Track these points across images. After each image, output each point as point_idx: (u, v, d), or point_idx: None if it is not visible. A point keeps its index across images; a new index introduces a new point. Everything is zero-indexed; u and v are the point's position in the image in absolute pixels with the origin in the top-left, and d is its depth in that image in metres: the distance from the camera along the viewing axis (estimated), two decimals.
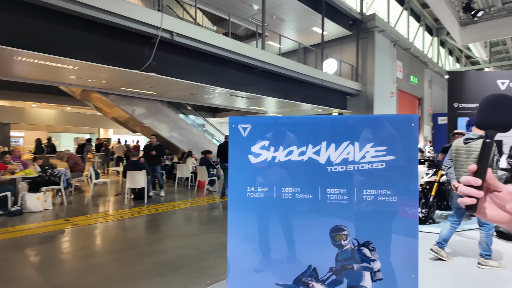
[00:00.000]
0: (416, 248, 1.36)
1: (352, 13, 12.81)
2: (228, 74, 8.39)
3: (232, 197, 1.44)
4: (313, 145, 1.40)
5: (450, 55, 21.79)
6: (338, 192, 1.40)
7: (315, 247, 1.41)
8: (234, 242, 1.44)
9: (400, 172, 1.36)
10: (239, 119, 1.45)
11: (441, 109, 18.43)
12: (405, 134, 1.35)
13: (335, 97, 12.82)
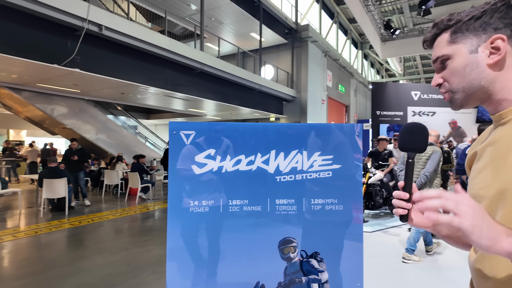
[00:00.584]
0: (361, 256, 1.38)
1: (288, 22, 13.36)
2: (164, 74, 7.97)
3: (172, 213, 1.29)
4: (262, 154, 1.33)
5: (372, 67, 24.28)
6: (286, 202, 1.35)
7: (263, 262, 1.33)
8: (174, 264, 1.28)
9: (346, 180, 1.37)
10: (181, 125, 1.30)
11: (364, 116, 20.36)
12: (350, 143, 1.37)
13: (272, 102, 13.18)
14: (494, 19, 0.66)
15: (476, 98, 0.71)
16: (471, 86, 0.69)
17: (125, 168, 8.61)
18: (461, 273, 3.24)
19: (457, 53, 0.70)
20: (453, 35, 0.71)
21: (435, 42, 0.75)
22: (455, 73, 0.71)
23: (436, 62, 0.75)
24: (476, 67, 0.68)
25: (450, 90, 0.73)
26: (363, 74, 21.25)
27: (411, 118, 9.88)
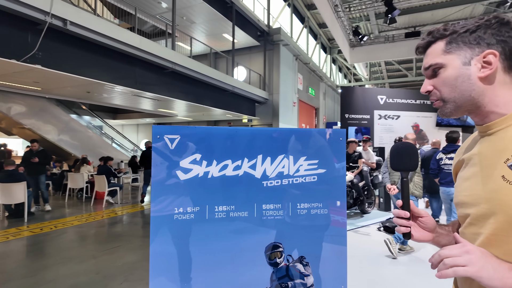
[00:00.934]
0: (345, 259, 1.41)
1: (260, 25, 13.45)
2: (133, 73, 7.69)
3: (156, 222, 1.23)
4: (248, 159, 1.31)
5: (340, 72, 25.11)
6: (273, 207, 1.34)
7: (250, 269, 1.31)
8: (158, 275, 1.23)
9: (330, 184, 1.39)
10: (166, 129, 1.26)
11: (332, 118, 21.01)
12: (335, 147, 1.40)
13: (245, 103, 13.18)
14: (488, 34, 0.69)
15: (465, 109, 0.73)
16: (461, 97, 0.71)
17: (91, 171, 8.18)
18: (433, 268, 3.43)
19: (450, 63, 0.72)
20: (448, 45, 0.72)
21: (428, 50, 0.76)
22: (446, 83, 0.72)
23: (428, 70, 0.76)
24: (468, 79, 0.70)
25: (442, 99, 0.74)
26: (331, 78, 21.92)
27: (377, 121, 10.34)
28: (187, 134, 1.27)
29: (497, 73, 0.69)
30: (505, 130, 0.69)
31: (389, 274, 3.33)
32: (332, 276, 1.39)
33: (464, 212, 0.74)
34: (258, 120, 14.26)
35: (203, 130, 1.30)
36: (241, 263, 1.30)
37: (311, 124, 17.73)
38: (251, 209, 1.32)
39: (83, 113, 12.27)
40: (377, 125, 10.14)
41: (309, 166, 1.36)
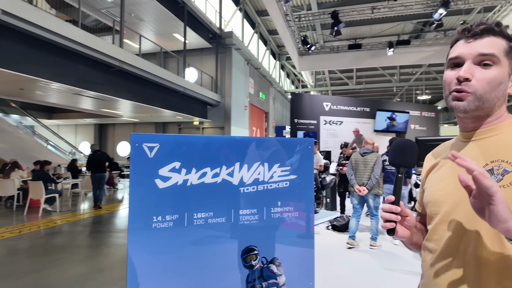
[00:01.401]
0: (313, 258, 1.53)
1: (212, 27, 13.40)
2: (76, 70, 7.11)
3: (134, 231, 1.21)
4: (227, 166, 1.36)
5: (288, 78, 26.09)
6: (249, 212, 1.41)
7: (226, 273, 1.36)
8: (136, 285, 1.21)
9: (301, 189, 1.51)
10: (144, 137, 1.25)
11: (281, 122, 21.73)
12: (304, 155, 1.51)
13: (196, 106, 12.99)
14: None
15: (480, 113, 0.74)
16: (491, 102, 0.72)
17: (24, 176, 7.34)
18: (399, 261, 3.78)
19: (504, 67, 0.71)
20: (510, 49, 0.72)
21: (488, 37, 0.72)
22: (492, 83, 0.71)
23: (481, 56, 0.71)
24: (504, 90, 0.72)
25: (474, 92, 0.71)
26: (280, 83, 22.67)
27: (323, 126, 11.00)
28: (167, 142, 1.28)
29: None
30: (488, 138, 0.74)
31: (341, 270, 3.60)
32: (302, 274, 1.50)
33: (436, 210, 0.78)
34: (210, 123, 14.15)
35: (182, 139, 1.32)
36: (218, 268, 1.34)
37: (261, 127, 18.11)
38: (228, 215, 1.37)
39: (12, 112, 10.94)
40: (323, 130, 10.79)
41: (282, 173, 1.46)
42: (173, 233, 1.28)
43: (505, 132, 0.73)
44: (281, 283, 1.45)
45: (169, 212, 1.27)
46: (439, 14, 9.77)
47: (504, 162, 0.69)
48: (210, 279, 1.33)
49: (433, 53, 13.34)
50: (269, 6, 9.22)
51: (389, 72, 20.49)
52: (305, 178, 1.51)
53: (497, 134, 0.74)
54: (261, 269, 1.42)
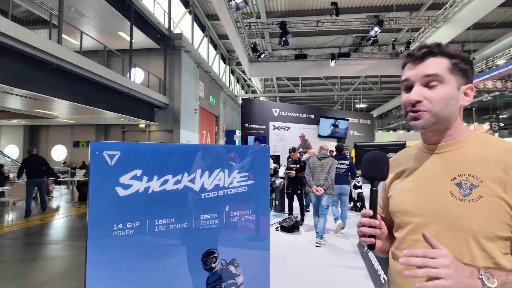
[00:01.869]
0: (268, 257, 1.64)
1: (160, 28, 13.01)
2: (5, 66, 6.39)
3: (93, 239, 1.20)
4: (188, 173, 1.41)
5: (238, 82, 26.36)
6: (210, 217, 1.47)
7: (188, 276, 1.40)
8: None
9: (258, 194, 1.61)
10: (104, 145, 1.24)
11: (231, 127, 21.84)
12: (261, 162, 1.63)
13: (143, 108, 12.46)
14: (471, 71, 0.78)
15: (438, 127, 0.77)
16: (446, 116, 0.76)
17: None
18: (342, 257, 4.05)
19: (451, 83, 0.75)
20: (453, 66, 0.76)
21: (429, 59, 0.76)
22: (442, 100, 0.74)
23: (426, 77, 0.76)
24: (456, 104, 0.76)
25: (429, 111, 0.75)
26: (230, 88, 22.81)
27: (272, 131, 11.37)
28: (128, 149, 1.29)
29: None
30: (451, 152, 0.77)
31: (291, 267, 3.79)
32: (258, 273, 1.60)
33: (406, 220, 0.80)
34: (158, 126, 13.67)
35: (144, 147, 1.34)
36: (181, 272, 1.38)
37: (211, 131, 18.00)
38: (190, 220, 1.42)
39: None
40: (272, 135, 11.16)
41: (241, 178, 1.55)
42: (134, 240, 1.28)
43: (467, 145, 0.76)
44: (239, 283, 1.53)
45: (130, 219, 1.28)
46: (374, 31, 10.81)
47: (470, 177, 0.72)
48: (173, 283, 1.36)
49: (369, 66, 14.67)
50: (221, 13, 9.30)
51: (331, 81, 21.93)
52: (262, 183, 1.62)
53: (460, 148, 0.77)
54: (220, 270, 1.49)
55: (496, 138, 0.77)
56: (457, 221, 0.70)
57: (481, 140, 0.77)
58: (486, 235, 0.68)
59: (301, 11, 13.47)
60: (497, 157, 0.71)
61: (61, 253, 4.33)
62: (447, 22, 11.01)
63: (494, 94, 21.84)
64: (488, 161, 0.72)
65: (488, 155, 0.73)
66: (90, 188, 1.20)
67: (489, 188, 0.69)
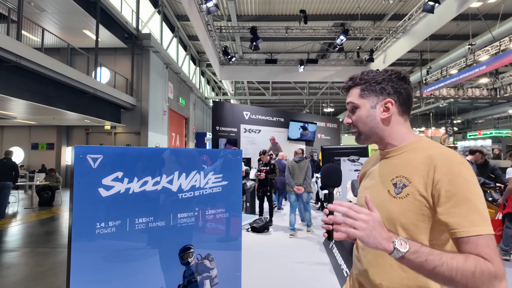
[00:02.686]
0: (240, 251, 1.78)
1: (128, 27, 12.71)
2: None
3: (77, 238, 1.27)
4: (167, 175, 1.51)
5: (208, 84, 26.25)
6: (187, 215, 1.59)
7: (166, 271, 1.50)
8: (80, 284, 1.27)
9: (231, 193, 1.75)
10: (88, 149, 1.32)
11: (201, 129, 21.70)
12: (234, 164, 1.77)
13: (108, 109, 12.07)
14: (389, 86, 0.93)
15: (373, 140, 0.97)
16: (370, 131, 0.95)
17: None
18: (308, 254, 4.24)
19: (363, 105, 0.95)
20: (362, 92, 0.95)
21: (350, 91, 0.99)
22: (360, 120, 0.95)
23: (349, 105, 0.99)
24: (374, 119, 0.94)
25: (358, 131, 0.98)
26: (200, 89, 22.68)
27: (243, 134, 11.52)
28: (110, 153, 1.37)
29: (394, 115, 0.94)
30: (395, 157, 0.93)
31: (262, 267, 3.95)
32: (231, 266, 1.74)
33: None
34: (124, 128, 13.29)
35: (125, 151, 1.43)
36: (158, 267, 1.48)
37: (181, 134, 17.78)
38: (168, 219, 1.52)
39: None
40: (243, 137, 11.31)
41: (216, 179, 1.68)
42: (116, 237, 1.37)
43: (407, 151, 0.92)
44: (213, 275, 1.66)
45: (112, 218, 1.36)
46: (340, 39, 11.37)
47: (403, 178, 0.87)
48: (152, 277, 1.46)
49: (335, 72, 15.34)
50: (191, 15, 9.32)
51: (300, 86, 22.57)
52: (235, 184, 1.76)
53: (401, 153, 0.93)
54: (196, 265, 1.61)
55: (434, 144, 0.90)
56: (392, 215, 0.86)
57: (422, 145, 0.90)
58: (412, 226, 0.84)
59: (271, 16, 13.81)
60: (426, 161, 0.84)
61: (23, 260, 4.15)
62: (406, 33, 11.85)
63: (449, 101, 23.69)
64: (419, 164, 0.85)
65: (421, 159, 0.86)
66: (75, 189, 1.27)
67: (415, 188, 0.84)
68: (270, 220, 6.16)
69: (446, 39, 15.72)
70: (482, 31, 13.66)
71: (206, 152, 1.67)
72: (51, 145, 13.80)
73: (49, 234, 5.51)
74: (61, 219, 6.91)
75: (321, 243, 4.94)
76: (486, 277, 0.70)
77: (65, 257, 4.28)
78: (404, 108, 0.95)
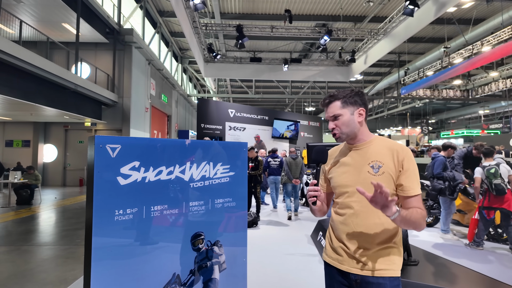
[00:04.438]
0: (246, 239, 1.87)
1: (109, 22, 12.41)
2: None
3: (98, 224, 1.32)
4: (179, 165, 1.58)
5: (190, 82, 26.00)
6: (198, 204, 1.66)
7: (178, 256, 1.58)
8: (100, 269, 1.32)
9: (237, 183, 1.84)
10: (107, 139, 1.37)
11: (184, 127, 21.49)
12: (241, 155, 1.86)
13: (89, 105, 11.75)
14: (359, 98, 1.34)
15: (350, 137, 1.33)
16: (350, 132, 1.32)
17: None
18: (297, 247, 4.37)
19: (345, 114, 1.32)
20: (343, 104, 1.33)
21: (330, 105, 1.35)
22: (344, 124, 1.31)
23: (332, 116, 1.34)
24: (353, 123, 1.31)
25: (341, 132, 1.33)
26: (182, 86, 22.43)
27: (228, 132, 11.56)
28: (128, 143, 1.43)
29: (364, 120, 1.34)
30: (364, 148, 1.32)
31: (254, 259, 4.05)
32: (238, 252, 1.83)
33: (344, 190, 1.31)
34: (105, 125, 12.99)
35: (142, 141, 1.49)
36: (173, 252, 1.55)
37: (163, 131, 17.56)
38: (180, 207, 1.59)
39: None
40: (228, 135, 11.35)
41: (224, 170, 1.76)
42: (133, 224, 1.43)
43: (374, 144, 1.32)
44: (222, 261, 1.74)
45: (130, 206, 1.42)
46: (324, 40, 11.63)
47: (378, 162, 1.27)
48: (167, 261, 1.53)
49: (318, 72, 15.64)
50: (178, 11, 9.25)
51: (283, 85, 22.83)
52: (241, 174, 1.85)
53: (369, 146, 1.32)
54: (206, 251, 1.69)
55: (385, 138, 1.33)
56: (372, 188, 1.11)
57: (380, 140, 1.32)
58: None
59: (255, 14, 13.89)
60: (390, 149, 1.27)
61: (9, 258, 4.04)
62: (386, 35, 12.28)
63: (424, 101, 24.70)
64: (385, 152, 1.27)
65: (385, 148, 1.28)
66: (95, 178, 1.32)
67: (388, 167, 1.24)
68: (258, 216, 6.28)
69: (423, 42, 16.39)
70: (456, 35, 14.36)
71: (214, 144, 1.75)
72: (27, 142, 13.26)
73: (31, 233, 5.36)
74: (42, 217, 6.71)
75: (309, 236, 5.11)
76: (423, 218, 1.18)
77: (52, 254, 4.21)
78: (367, 115, 1.36)
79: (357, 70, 15.34)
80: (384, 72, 21.66)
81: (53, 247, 4.55)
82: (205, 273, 1.66)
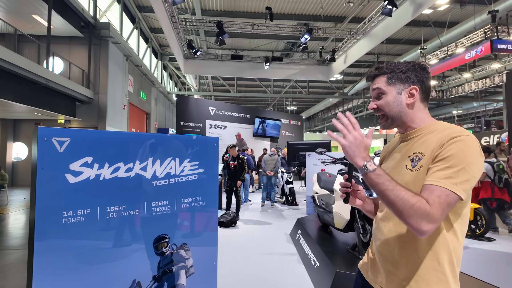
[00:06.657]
0: (216, 241, 1.75)
1: (84, 15, 11.89)
2: None
3: (40, 228, 1.16)
4: (140, 161, 1.44)
5: (171, 79, 25.47)
6: (161, 204, 1.52)
7: (139, 262, 1.44)
8: (44, 278, 1.16)
9: (207, 181, 1.71)
10: (54, 131, 1.21)
11: (164, 125, 21.02)
12: (211, 152, 1.73)
13: (62, 101, 11.22)
14: (413, 75, 1.04)
15: (396, 124, 1.06)
16: (396, 115, 1.04)
17: None
18: (275, 247, 4.27)
19: (390, 92, 1.04)
20: (389, 80, 1.05)
21: (376, 79, 1.08)
22: (387, 105, 1.05)
23: (374, 91, 1.08)
24: (400, 104, 1.04)
25: (385, 115, 1.06)
26: (162, 84, 21.93)
27: (208, 130, 11.36)
28: (79, 136, 1.27)
29: (417, 101, 1.04)
30: (413, 138, 1.04)
31: (232, 260, 3.93)
32: (208, 255, 1.70)
33: None
34: (80, 122, 12.46)
35: (95, 134, 1.33)
36: (132, 257, 1.41)
37: (141, 129, 17.08)
38: (141, 207, 1.45)
39: None
40: (209, 133, 11.15)
41: (191, 167, 1.63)
42: (85, 227, 1.28)
43: (426, 132, 1.02)
44: (189, 265, 1.61)
45: (81, 206, 1.27)
46: (305, 38, 11.64)
47: (419, 153, 0.98)
48: (126, 268, 1.38)
49: (299, 71, 15.68)
50: (155, 6, 8.96)
51: (265, 83, 22.76)
52: (211, 171, 1.72)
53: (419, 135, 1.04)
54: (171, 254, 1.55)
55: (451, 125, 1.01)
56: (408, 185, 0.93)
57: (438, 127, 1.01)
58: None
59: (236, 12, 13.72)
60: (440, 138, 0.95)
61: None
62: (365, 35, 12.44)
63: None
64: (434, 142, 0.96)
65: (436, 137, 0.97)
66: (38, 175, 1.16)
67: (427, 160, 0.95)
68: (237, 215, 6.16)
69: (400, 43, 16.76)
70: (431, 37, 14.77)
71: (182, 138, 1.62)
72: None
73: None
74: (8, 219, 6.31)
75: (288, 235, 5.04)
76: (419, 213, 0.83)
77: (16, 259, 3.93)
78: (425, 96, 1.06)
79: (337, 69, 15.49)
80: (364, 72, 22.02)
81: (17, 251, 4.25)
82: (170, 279, 1.53)
